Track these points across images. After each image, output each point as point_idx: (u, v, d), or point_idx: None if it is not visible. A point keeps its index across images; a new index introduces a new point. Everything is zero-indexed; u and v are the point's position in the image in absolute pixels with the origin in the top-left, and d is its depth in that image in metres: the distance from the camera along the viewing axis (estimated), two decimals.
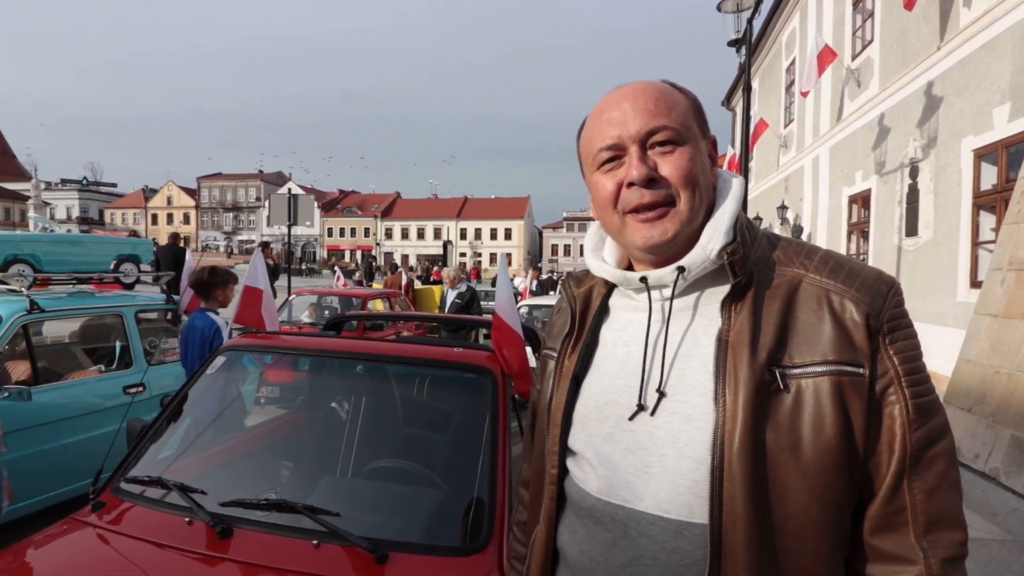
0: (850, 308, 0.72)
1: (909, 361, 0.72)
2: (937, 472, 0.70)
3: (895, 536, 0.70)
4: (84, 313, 3.88)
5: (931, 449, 0.71)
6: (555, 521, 0.82)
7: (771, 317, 0.72)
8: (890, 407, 0.70)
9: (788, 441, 0.68)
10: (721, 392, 0.70)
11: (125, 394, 3.57)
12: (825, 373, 0.69)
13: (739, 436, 0.67)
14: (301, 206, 10.05)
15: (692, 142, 0.76)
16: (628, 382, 0.77)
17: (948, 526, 0.70)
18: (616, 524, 0.73)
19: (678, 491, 0.70)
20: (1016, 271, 4.69)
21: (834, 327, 0.71)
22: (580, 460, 0.80)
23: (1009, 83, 5.98)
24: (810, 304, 0.72)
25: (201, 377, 1.95)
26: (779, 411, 0.69)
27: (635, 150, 0.75)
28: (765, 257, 0.77)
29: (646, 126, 0.75)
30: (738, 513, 0.66)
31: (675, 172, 0.74)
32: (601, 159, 0.78)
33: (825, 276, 0.74)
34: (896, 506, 0.70)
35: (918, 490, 0.69)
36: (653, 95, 0.76)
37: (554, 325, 0.95)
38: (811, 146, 11.95)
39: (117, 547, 1.48)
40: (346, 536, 1.36)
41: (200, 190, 71.20)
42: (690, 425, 0.71)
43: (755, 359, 0.70)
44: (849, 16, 10.03)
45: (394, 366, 1.91)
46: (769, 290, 0.74)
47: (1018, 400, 4.27)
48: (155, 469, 1.71)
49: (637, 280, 0.79)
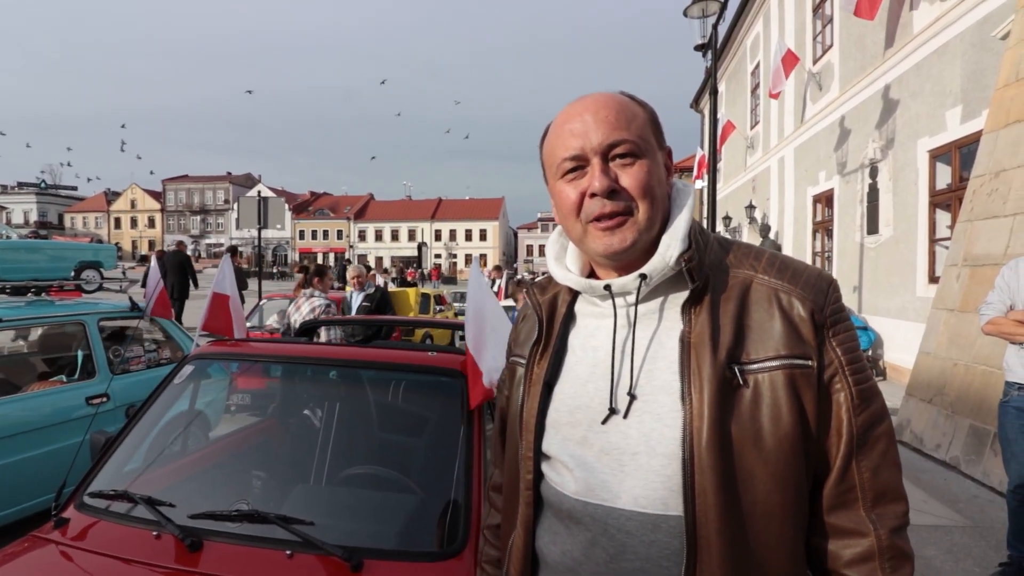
0: (797, 305, 0.77)
1: (850, 352, 0.78)
2: (880, 451, 0.77)
3: (848, 512, 0.76)
4: (44, 322, 3.73)
5: (874, 430, 0.77)
6: (533, 525, 0.85)
7: (727, 317, 0.77)
8: (836, 394, 0.76)
9: (750, 432, 0.73)
10: (687, 391, 0.74)
11: (88, 405, 3.45)
12: (779, 367, 0.74)
13: (706, 431, 0.71)
14: (271, 209, 9.88)
15: (650, 154, 0.80)
16: (599, 386, 0.80)
17: (892, 499, 0.77)
18: (596, 523, 0.76)
19: (653, 486, 0.74)
20: (971, 267, 4.90)
21: (784, 323, 0.76)
22: (555, 464, 0.82)
23: (960, 87, 6.25)
24: (761, 303, 0.78)
25: (168, 386, 1.90)
26: (740, 405, 0.73)
27: (597, 162, 0.79)
28: (718, 261, 0.82)
29: (607, 139, 0.78)
30: (710, 503, 0.71)
31: (634, 184, 0.78)
32: (564, 168, 0.81)
33: (773, 276, 0.80)
34: (847, 484, 0.76)
35: (865, 468, 0.76)
36: (614, 108, 0.80)
37: (520, 332, 0.97)
38: (777, 147, 12.27)
39: (81, 564, 1.43)
40: (320, 545, 1.34)
41: (166, 193, 69.13)
42: (660, 423, 0.75)
43: (716, 358, 0.74)
44: (810, 22, 10.35)
45: (366, 371, 1.89)
46: (724, 292, 0.79)
47: (975, 391, 4.46)
48: (121, 482, 1.66)
49: (601, 288, 0.82)
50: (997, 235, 4.66)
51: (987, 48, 5.81)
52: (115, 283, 4.66)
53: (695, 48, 7.95)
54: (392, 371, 1.86)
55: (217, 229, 66.90)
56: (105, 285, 4.67)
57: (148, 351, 4.01)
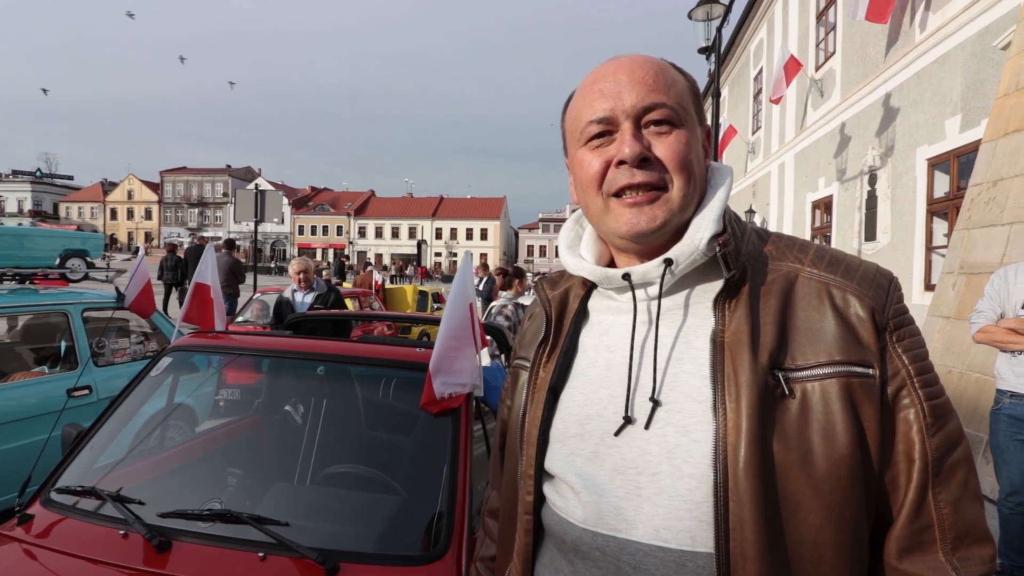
0: (854, 303, 0.65)
1: (919, 360, 0.65)
2: (959, 481, 0.64)
3: (924, 556, 0.63)
4: (26, 311, 3.65)
5: (951, 456, 0.64)
6: (532, 557, 0.73)
7: (769, 315, 0.65)
8: (905, 411, 0.64)
9: (798, 453, 0.60)
10: (720, 399, 0.62)
11: (69, 398, 3.37)
12: (833, 375, 0.62)
13: (744, 449, 0.59)
14: (269, 202, 9.78)
15: (689, 125, 0.69)
16: (613, 392, 0.69)
17: (976, 540, 0.63)
18: (607, 559, 0.64)
19: (677, 515, 0.61)
20: (967, 275, 4.88)
21: (838, 324, 0.64)
22: (560, 484, 0.71)
23: (960, 96, 6.24)
24: (810, 300, 0.66)
25: (145, 379, 1.84)
26: (785, 419, 0.61)
27: (628, 126, 0.67)
28: (756, 251, 0.70)
29: (643, 101, 0.67)
30: (747, 538, 0.58)
31: (670, 154, 0.67)
32: (589, 133, 0.70)
33: (823, 270, 0.68)
34: (923, 523, 0.63)
35: (944, 503, 0.62)
36: (652, 69, 0.69)
37: (526, 332, 0.86)
38: (777, 153, 12.27)
39: (44, 563, 1.37)
40: (294, 547, 1.29)
41: (163, 184, 68.79)
42: (687, 437, 0.63)
43: (756, 361, 0.62)
44: (813, 29, 10.34)
45: (349, 367, 1.83)
46: (764, 286, 0.67)
47: (969, 399, 4.44)
48: (90, 478, 1.59)
49: (619, 278, 0.71)
50: (994, 243, 4.64)
51: (987, 58, 5.80)
52: (101, 272, 4.59)
53: (699, 51, 7.92)
54: (375, 367, 1.80)
55: (215, 222, 66.58)
56: (91, 275, 4.59)
57: (134, 343, 3.94)
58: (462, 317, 1.51)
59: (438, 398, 1.47)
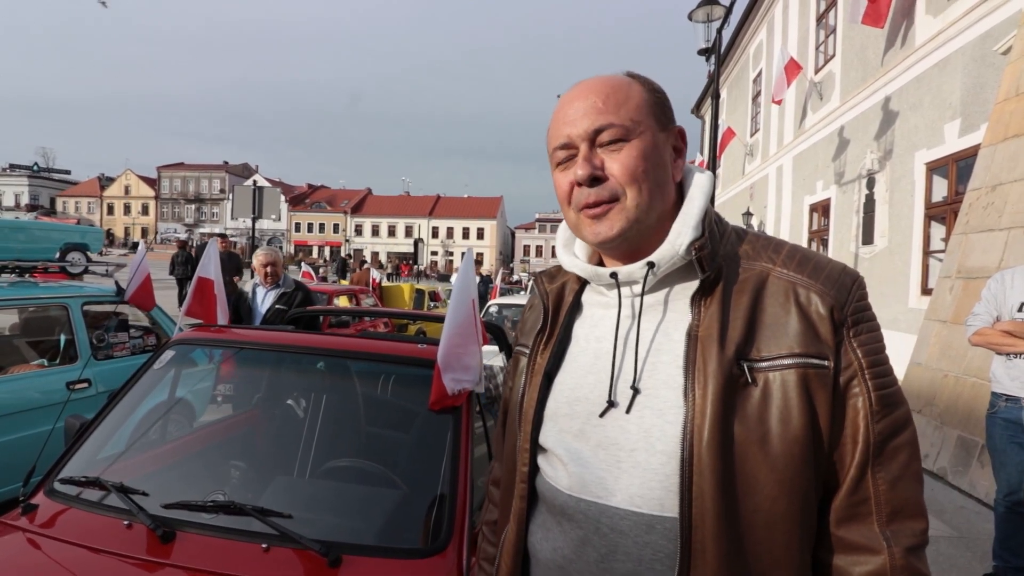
0: (815, 301, 0.72)
1: (872, 353, 0.73)
2: (900, 462, 0.72)
3: (859, 526, 0.71)
4: (26, 304, 3.65)
5: (894, 440, 0.72)
6: (526, 520, 0.82)
7: (739, 311, 0.73)
8: (854, 399, 0.71)
9: (757, 434, 0.68)
10: (690, 386, 0.70)
11: (68, 390, 3.38)
12: (792, 366, 0.70)
13: (708, 430, 0.68)
14: (266, 199, 9.77)
15: (643, 136, 0.76)
16: (599, 378, 0.77)
17: (910, 515, 0.71)
18: (588, 520, 0.73)
19: (649, 485, 0.70)
20: (964, 279, 4.91)
21: (800, 320, 0.72)
22: (551, 457, 0.79)
23: (960, 100, 6.27)
24: (777, 297, 0.73)
25: (148, 372, 1.85)
26: (747, 404, 0.69)
27: (584, 149, 0.76)
28: (733, 252, 0.78)
29: (592, 125, 0.76)
30: (707, 506, 0.67)
31: (620, 169, 0.75)
32: (558, 158, 0.80)
33: (792, 270, 0.75)
34: (860, 496, 0.71)
35: (881, 480, 0.71)
36: (604, 92, 0.77)
37: (526, 322, 0.94)
38: (775, 155, 12.30)
39: (48, 552, 1.38)
40: (297, 539, 1.30)
41: (160, 180, 68.59)
42: (661, 419, 0.71)
43: (723, 353, 0.70)
44: (813, 31, 10.37)
45: (351, 362, 1.84)
46: (737, 284, 0.75)
47: (964, 403, 4.47)
48: (93, 469, 1.60)
49: (607, 276, 0.79)
50: (992, 248, 4.66)
51: (988, 63, 5.83)
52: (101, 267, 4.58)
53: (699, 52, 7.94)
54: (376, 362, 1.81)
55: (212, 218, 66.41)
56: (91, 268, 4.58)
57: (133, 337, 3.94)
58: (466, 314, 1.52)
59: (450, 394, 1.48)
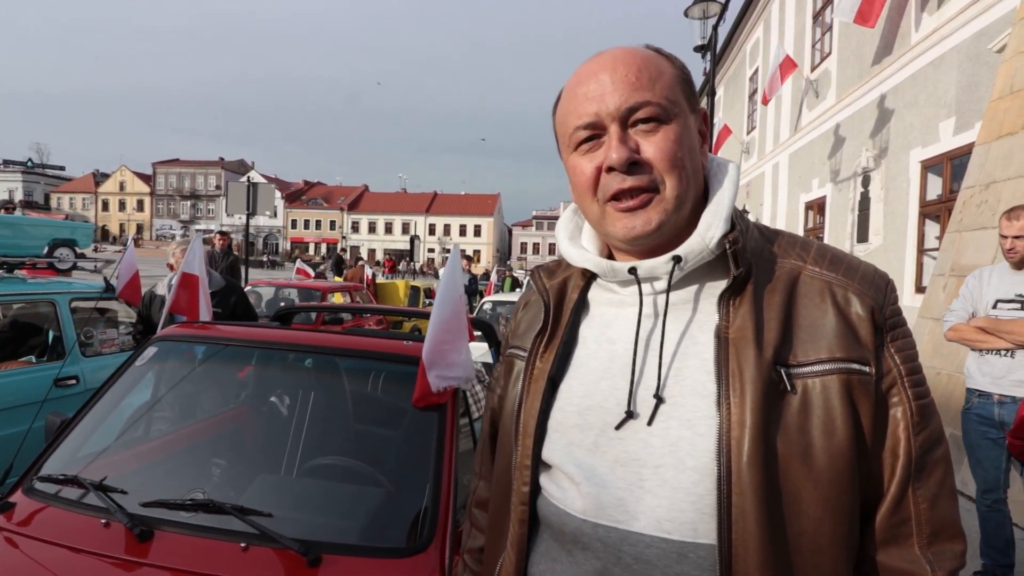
0: (855, 302, 0.67)
1: (910, 360, 0.68)
2: (938, 478, 0.67)
3: (901, 549, 0.66)
4: (13, 300, 3.61)
5: (932, 454, 0.67)
6: (527, 548, 0.73)
7: (773, 311, 0.66)
8: (894, 409, 0.66)
9: (799, 447, 0.62)
10: (725, 394, 0.63)
11: (56, 387, 3.35)
12: (833, 371, 0.64)
13: (748, 443, 0.60)
14: (261, 195, 9.73)
15: (679, 119, 0.68)
16: (614, 384, 0.69)
17: (950, 536, 0.66)
18: (608, 549, 0.64)
19: (680, 507, 0.62)
20: (957, 277, 4.91)
21: (839, 321, 0.66)
22: (557, 475, 0.71)
23: (955, 98, 6.27)
24: (812, 298, 0.67)
25: (130, 369, 1.82)
26: (787, 414, 0.62)
27: (615, 130, 0.67)
28: (760, 248, 0.71)
29: (626, 102, 0.66)
30: (750, 531, 0.59)
31: (659, 154, 0.67)
32: (578, 139, 0.70)
33: (825, 268, 0.69)
34: (901, 516, 0.66)
35: (922, 498, 0.65)
36: (635, 65, 0.68)
37: (520, 322, 0.85)
38: (771, 153, 12.30)
39: (25, 551, 1.36)
40: (276, 538, 1.28)
41: (156, 176, 68.23)
42: (691, 431, 0.64)
43: (761, 357, 0.63)
44: (809, 29, 10.36)
45: (335, 359, 1.82)
46: (769, 283, 0.68)
47: (957, 400, 4.47)
48: (73, 467, 1.58)
49: (625, 271, 0.71)
50: (985, 246, 4.67)
51: (982, 61, 5.82)
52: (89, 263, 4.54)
53: (694, 49, 7.92)
54: (360, 359, 1.79)
55: (208, 215, 66.12)
56: (80, 265, 4.54)
57: (122, 334, 3.91)
58: (453, 310, 1.50)
59: (434, 391, 1.46)
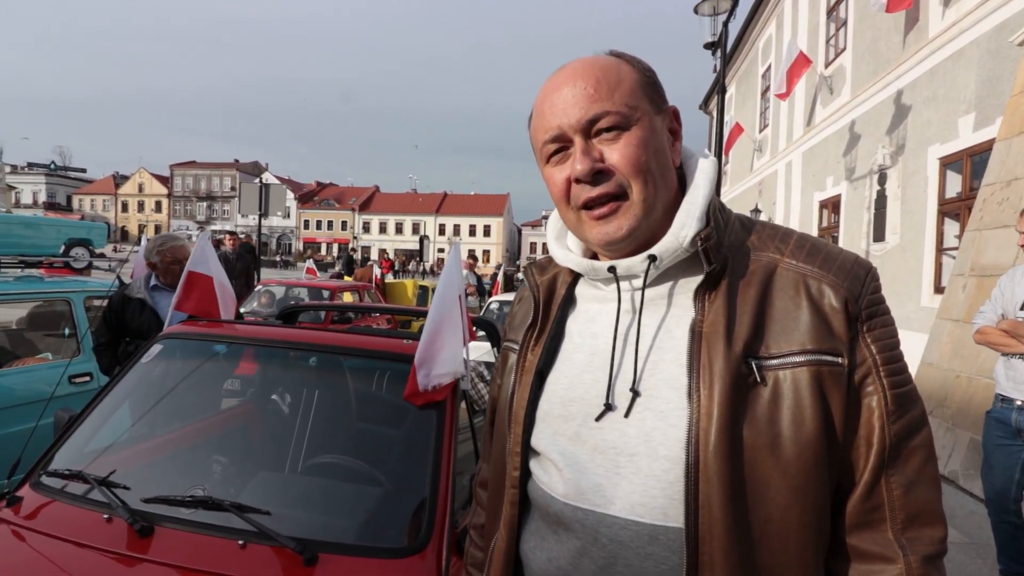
0: (828, 293, 0.68)
1: (887, 350, 0.68)
2: (915, 466, 0.67)
3: (873, 534, 0.67)
4: (30, 298, 3.69)
5: (910, 441, 0.67)
6: (517, 527, 0.77)
7: (747, 305, 0.68)
8: (868, 398, 0.67)
9: (767, 437, 0.64)
10: (695, 387, 0.65)
11: (71, 384, 3.41)
12: (804, 364, 0.65)
13: (715, 434, 0.63)
14: (272, 196, 9.84)
15: (641, 123, 0.70)
16: (596, 376, 0.73)
17: (927, 522, 0.67)
18: (586, 530, 0.69)
19: (651, 493, 0.66)
20: (977, 277, 4.79)
21: (812, 314, 0.67)
22: (544, 461, 0.75)
23: (975, 93, 6.12)
24: (787, 290, 0.68)
25: (136, 366, 1.84)
26: (756, 406, 0.65)
27: (579, 141, 0.70)
28: (739, 242, 0.73)
29: (587, 114, 0.69)
30: (715, 516, 0.62)
31: (623, 161, 0.69)
32: (548, 152, 0.74)
33: (802, 260, 0.70)
34: (874, 502, 0.67)
35: (896, 485, 0.67)
36: (593, 77, 0.70)
37: (515, 316, 0.89)
38: (785, 151, 12.13)
39: (31, 544, 1.38)
40: (274, 536, 1.28)
41: (173, 178, 69.39)
42: (664, 422, 0.67)
43: (731, 351, 0.65)
44: (823, 24, 10.20)
45: (336, 357, 1.82)
46: (744, 277, 0.70)
47: (977, 404, 4.36)
48: (80, 462, 1.60)
49: (605, 270, 0.74)
50: (1006, 245, 4.55)
51: (1003, 54, 5.68)
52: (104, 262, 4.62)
53: (704, 46, 7.84)
54: (361, 358, 1.79)
55: (223, 215, 67.07)
56: (96, 264, 4.63)
57: None
58: (449, 309, 1.50)
59: (421, 390, 1.45)
